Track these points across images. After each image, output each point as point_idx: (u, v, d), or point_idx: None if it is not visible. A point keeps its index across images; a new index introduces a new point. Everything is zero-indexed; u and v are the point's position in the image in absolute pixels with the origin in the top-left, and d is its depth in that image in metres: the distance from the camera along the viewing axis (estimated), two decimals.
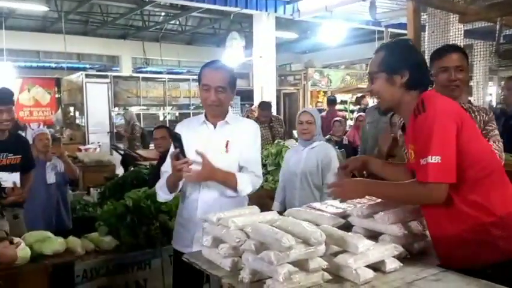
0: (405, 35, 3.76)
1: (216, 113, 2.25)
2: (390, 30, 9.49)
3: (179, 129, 2.31)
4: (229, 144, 2.20)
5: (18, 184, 2.93)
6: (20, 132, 5.14)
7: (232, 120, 2.27)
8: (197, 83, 8.66)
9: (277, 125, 6.50)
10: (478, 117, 2.35)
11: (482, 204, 1.58)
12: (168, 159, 2.22)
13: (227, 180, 2.15)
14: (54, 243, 2.61)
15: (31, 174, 3.27)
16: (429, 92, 1.71)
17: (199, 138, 2.23)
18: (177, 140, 2.04)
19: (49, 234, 2.76)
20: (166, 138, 4.60)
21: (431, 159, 1.52)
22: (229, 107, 2.33)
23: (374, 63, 1.77)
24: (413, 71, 1.70)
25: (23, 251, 2.44)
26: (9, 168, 2.97)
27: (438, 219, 1.64)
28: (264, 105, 6.63)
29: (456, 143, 1.56)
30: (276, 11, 9.77)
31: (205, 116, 2.28)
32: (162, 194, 2.26)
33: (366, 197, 1.99)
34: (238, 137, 2.22)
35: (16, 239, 2.48)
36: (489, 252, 1.57)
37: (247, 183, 2.17)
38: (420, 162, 1.57)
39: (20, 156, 3.08)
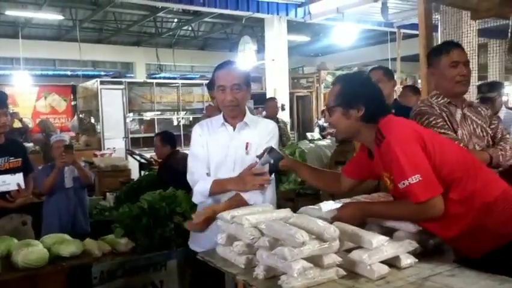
0: (417, 35, 3.74)
1: (234, 114, 2.21)
2: (402, 31, 9.43)
3: (199, 131, 2.29)
4: (249, 146, 2.18)
5: (22, 185, 2.89)
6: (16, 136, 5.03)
7: (251, 121, 2.24)
8: None
9: (283, 125, 6.57)
10: (482, 112, 2.33)
11: (471, 199, 1.61)
12: (192, 161, 2.23)
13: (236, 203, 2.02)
14: (71, 245, 2.64)
15: (31, 178, 3.26)
16: (383, 120, 1.73)
17: (219, 141, 2.22)
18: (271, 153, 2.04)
19: (66, 236, 2.80)
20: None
21: (412, 180, 1.55)
22: (246, 107, 2.28)
23: (331, 96, 1.82)
24: (369, 105, 1.73)
25: (41, 253, 2.49)
26: (12, 172, 2.94)
27: (439, 226, 1.65)
28: (268, 99, 6.81)
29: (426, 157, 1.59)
30: (287, 15, 9.78)
31: (224, 117, 2.25)
32: (201, 197, 2.20)
33: (380, 194, 2.01)
34: (258, 138, 2.19)
35: None
36: (490, 239, 1.59)
37: (254, 194, 2.05)
38: (399, 186, 1.60)
39: (21, 159, 3.06)
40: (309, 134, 9.39)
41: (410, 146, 1.60)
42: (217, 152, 2.21)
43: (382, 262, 1.53)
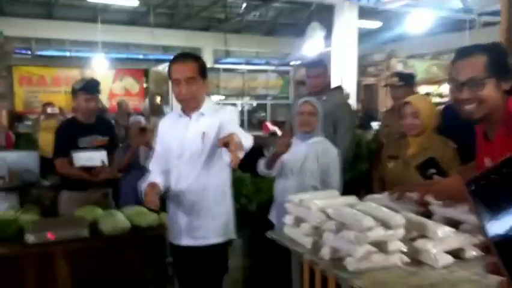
0: (499, 23, 3.57)
1: (190, 107, 2.25)
2: (483, 18, 8.92)
3: (160, 127, 2.42)
4: (205, 135, 2.20)
5: (106, 162, 3.18)
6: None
7: (208, 111, 2.25)
8: (276, 74, 8.94)
9: None
10: None
11: None
12: (151, 161, 2.42)
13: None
14: (149, 217, 2.88)
15: (116, 155, 3.55)
16: None
17: (176, 131, 2.29)
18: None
19: (144, 209, 3.05)
20: None
21: None
22: (206, 96, 2.30)
23: (477, 67, 1.57)
24: None
25: (123, 222, 2.75)
26: (99, 149, 3.24)
27: None
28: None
29: None
30: (359, 0, 9.59)
31: (182, 109, 2.31)
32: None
33: None
34: (215, 127, 2.16)
35: None
36: None
37: (246, 138, 1.97)
38: None
39: (108, 137, 3.36)
40: (374, 124, 9.21)
41: None
42: (176, 143, 2.28)
43: (447, 252, 1.57)
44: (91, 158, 3.19)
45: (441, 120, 2.60)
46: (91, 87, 3.23)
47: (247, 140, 1.94)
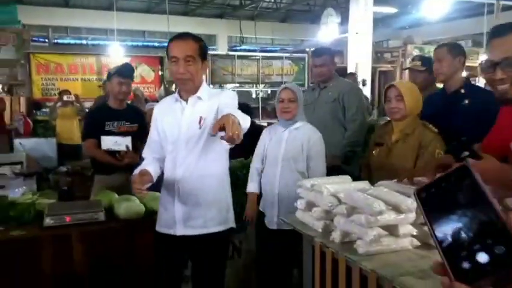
0: None
1: (186, 88, 2.13)
2: (502, 2, 8.71)
3: (155, 112, 2.31)
4: (202, 120, 2.10)
5: (130, 148, 3.24)
6: None
7: (205, 96, 2.15)
8: (290, 61, 8.80)
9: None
10: None
11: None
12: (145, 147, 2.35)
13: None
14: None
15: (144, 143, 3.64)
16: None
17: (171, 116, 2.19)
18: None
19: (158, 194, 3.09)
20: None
21: None
22: (203, 80, 2.20)
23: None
24: None
25: (138, 207, 2.80)
26: (125, 135, 3.30)
27: None
28: (348, 75, 6.68)
29: None
30: None
31: (179, 93, 2.21)
32: None
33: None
34: (213, 112, 2.08)
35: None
36: None
37: (243, 119, 1.84)
38: None
39: (137, 125, 3.43)
40: None
41: None
42: (171, 129, 2.18)
43: None
44: (117, 142, 3.27)
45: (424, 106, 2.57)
46: (124, 71, 3.37)
47: (245, 121, 1.84)
